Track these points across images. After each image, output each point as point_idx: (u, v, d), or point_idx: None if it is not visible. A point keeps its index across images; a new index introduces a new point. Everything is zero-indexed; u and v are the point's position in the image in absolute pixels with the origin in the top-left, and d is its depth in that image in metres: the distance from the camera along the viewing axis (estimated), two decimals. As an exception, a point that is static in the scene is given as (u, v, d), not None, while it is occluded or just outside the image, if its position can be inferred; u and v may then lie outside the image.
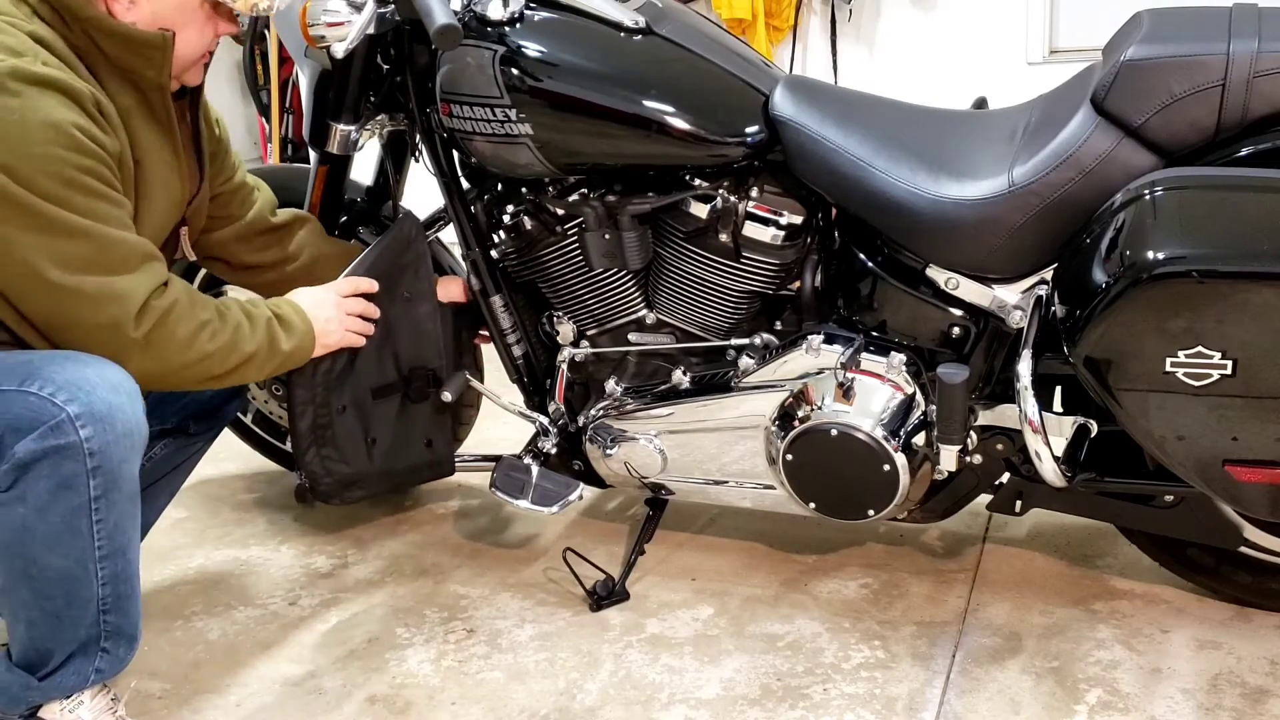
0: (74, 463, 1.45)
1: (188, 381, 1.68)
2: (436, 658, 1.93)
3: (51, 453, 1.44)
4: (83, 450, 1.45)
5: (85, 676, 1.58)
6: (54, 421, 1.44)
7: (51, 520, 1.47)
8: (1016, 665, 1.84)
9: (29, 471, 1.45)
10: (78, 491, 1.47)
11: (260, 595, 2.15)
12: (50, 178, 1.47)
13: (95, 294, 1.52)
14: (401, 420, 2.06)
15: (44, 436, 1.44)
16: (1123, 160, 1.67)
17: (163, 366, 1.61)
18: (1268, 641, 1.87)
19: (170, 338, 1.60)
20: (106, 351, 1.54)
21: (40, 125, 1.46)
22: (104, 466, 1.47)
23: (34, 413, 1.44)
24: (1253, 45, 1.58)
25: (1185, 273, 1.50)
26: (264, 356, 1.74)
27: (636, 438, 2.04)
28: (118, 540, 1.53)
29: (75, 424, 1.44)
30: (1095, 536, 2.20)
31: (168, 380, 1.65)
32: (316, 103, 2.06)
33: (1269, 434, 1.56)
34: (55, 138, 1.47)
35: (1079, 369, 1.62)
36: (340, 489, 2.00)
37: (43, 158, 1.46)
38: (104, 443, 1.47)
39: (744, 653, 1.91)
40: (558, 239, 2.01)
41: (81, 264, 1.51)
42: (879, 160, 1.82)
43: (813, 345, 1.90)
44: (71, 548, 1.50)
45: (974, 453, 1.90)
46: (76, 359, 1.51)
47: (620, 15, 1.88)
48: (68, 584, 1.52)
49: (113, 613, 1.56)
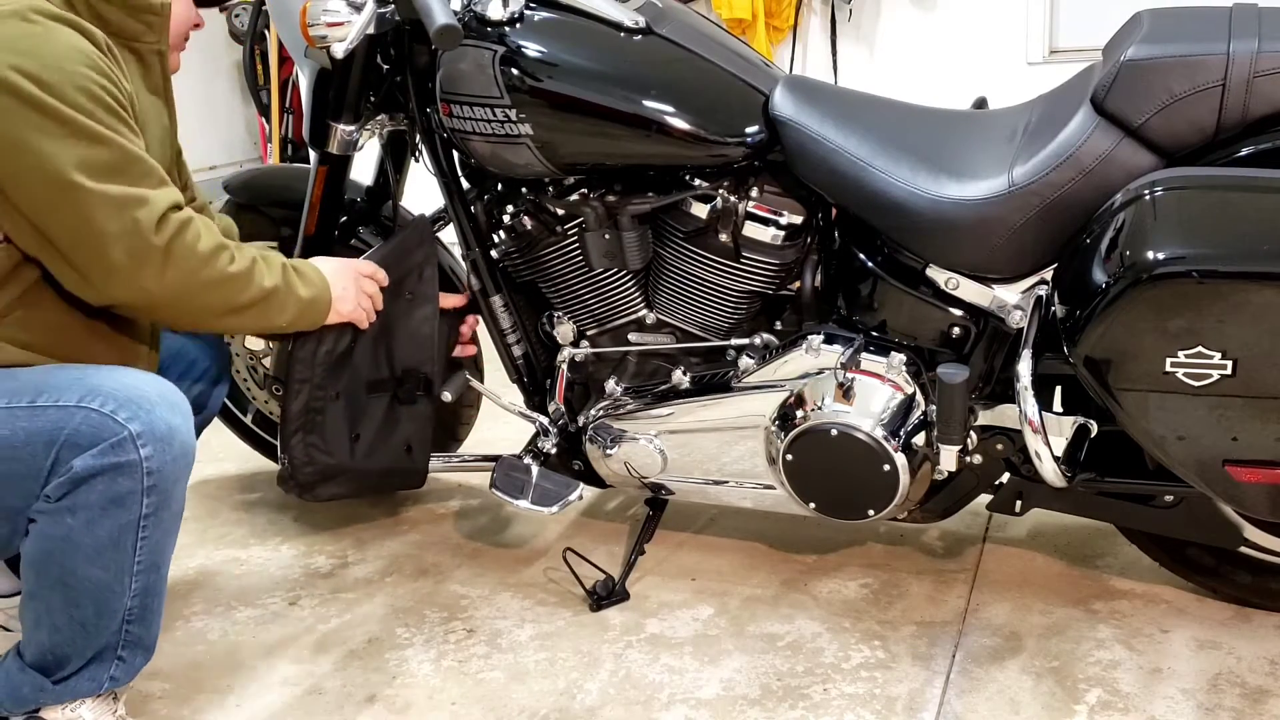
0: (130, 480, 1.46)
1: (214, 306, 1.63)
2: (436, 658, 1.93)
3: (110, 469, 1.45)
4: (141, 469, 1.46)
5: (99, 683, 1.58)
6: (115, 439, 1.45)
7: (98, 534, 1.48)
8: (1016, 665, 1.84)
9: (83, 485, 1.45)
10: (129, 509, 1.48)
11: (260, 595, 2.15)
12: (77, 90, 1.47)
13: (119, 198, 1.50)
14: (387, 421, 2.05)
15: (104, 453, 1.45)
16: (1123, 160, 1.67)
17: (185, 281, 1.57)
18: (1268, 641, 1.87)
19: (191, 251, 1.57)
20: (129, 260, 1.51)
21: (65, 46, 1.48)
22: (159, 486, 1.49)
23: (94, 428, 1.45)
24: (1253, 45, 1.58)
25: (1185, 273, 1.50)
26: (284, 296, 1.71)
27: (636, 438, 2.04)
28: (156, 556, 1.55)
29: (136, 442, 1.45)
30: (1095, 536, 2.20)
31: (193, 301, 1.61)
32: (316, 103, 2.06)
33: (1269, 434, 1.56)
34: (80, 58, 1.49)
35: (1079, 369, 1.62)
36: (318, 480, 1.99)
37: (69, 72, 1.47)
38: (162, 462, 1.48)
39: (744, 653, 1.91)
40: (558, 239, 2.01)
41: (105, 170, 1.49)
42: (879, 160, 1.82)
43: (813, 345, 1.90)
44: (112, 562, 1.50)
45: (974, 453, 1.90)
46: (131, 374, 1.52)
47: (620, 15, 1.88)
48: (101, 595, 1.52)
49: (136, 624, 1.57)
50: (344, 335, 1.92)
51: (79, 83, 1.48)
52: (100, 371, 1.53)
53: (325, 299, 1.80)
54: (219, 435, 2.52)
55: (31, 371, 1.54)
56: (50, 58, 1.46)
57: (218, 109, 4.96)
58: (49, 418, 1.46)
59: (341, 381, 1.97)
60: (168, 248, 1.54)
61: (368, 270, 1.92)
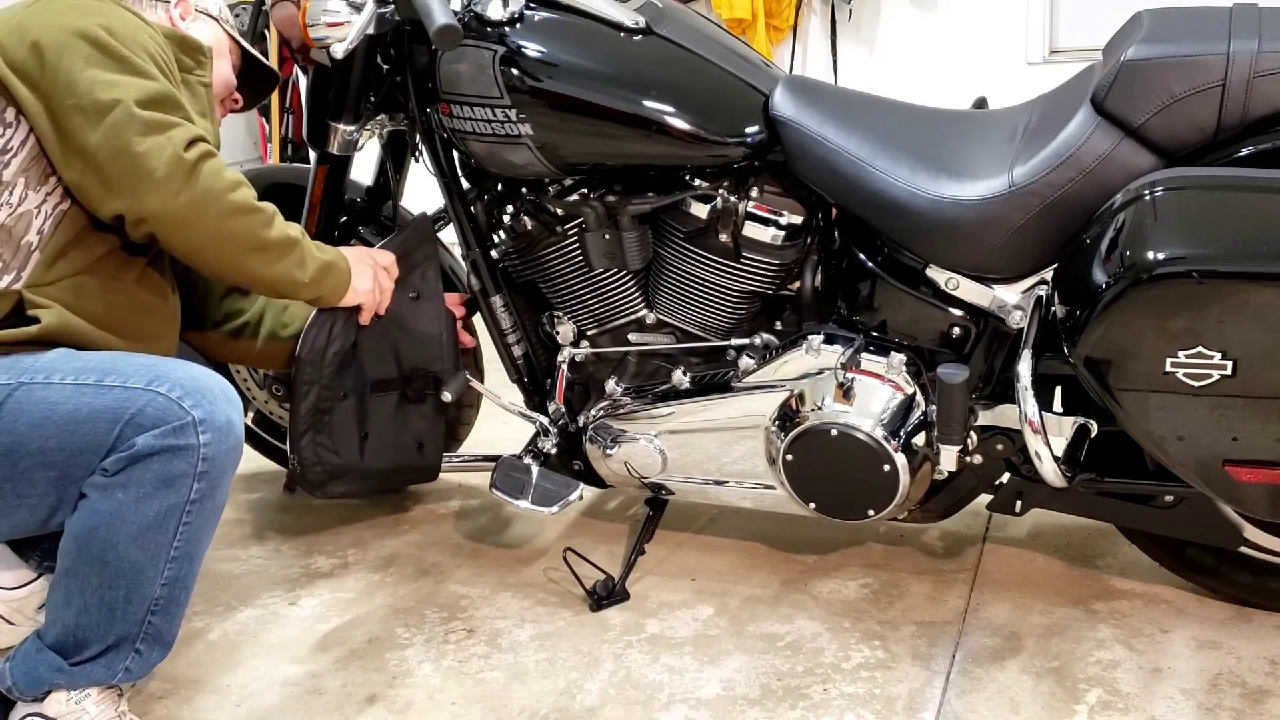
0: (186, 464, 1.52)
1: (239, 235, 1.67)
2: (436, 658, 1.93)
3: (168, 450, 1.51)
4: (198, 454, 1.52)
5: (114, 672, 1.61)
6: (180, 423, 1.51)
7: (145, 513, 1.53)
8: (1016, 665, 1.84)
9: (139, 463, 1.51)
10: (179, 491, 1.53)
11: (260, 595, 2.15)
12: (140, 48, 1.63)
13: (157, 121, 1.59)
14: (396, 419, 2.06)
15: (166, 435, 1.51)
16: (1123, 160, 1.67)
17: (210, 202, 1.62)
18: (1268, 641, 1.87)
19: (216, 174, 1.63)
20: (160, 169, 1.58)
21: (136, 22, 1.67)
22: (210, 473, 1.54)
23: (160, 411, 1.52)
24: (1253, 45, 1.58)
25: (1185, 273, 1.50)
26: (305, 250, 1.75)
27: (636, 438, 2.05)
28: (192, 546, 1.59)
29: (198, 428, 1.52)
30: (1095, 536, 2.20)
31: (219, 225, 1.64)
32: (316, 103, 2.06)
33: (1269, 434, 1.56)
34: (149, 34, 1.67)
35: (1079, 369, 1.62)
36: (328, 479, 2.00)
37: (136, 33, 1.65)
38: (217, 451, 1.54)
39: (744, 653, 1.91)
40: (558, 239, 2.01)
41: (148, 100, 1.59)
42: (879, 160, 1.82)
43: (813, 345, 1.90)
44: (153, 543, 1.55)
45: (974, 453, 1.90)
46: (196, 368, 1.59)
47: (620, 15, 1.88)
48: (135, 578, 1.56)
49: (160, 615, 1.60)
50: (350, 335, 1.93)
51: (142, 42, 1.64)
52: (167, 362, 1.60)
53: (344, 269, 1.84)
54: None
55: (100, 356, 1.60)
56: (120, 20, 1.64)
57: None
58: (115, 397, 1.53)
59: (349, 381, 1.97)
60: (195, 165, 1.61)
61: (384, 261, 1.95)
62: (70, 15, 1.61)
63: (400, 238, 2.03)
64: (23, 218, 1.61)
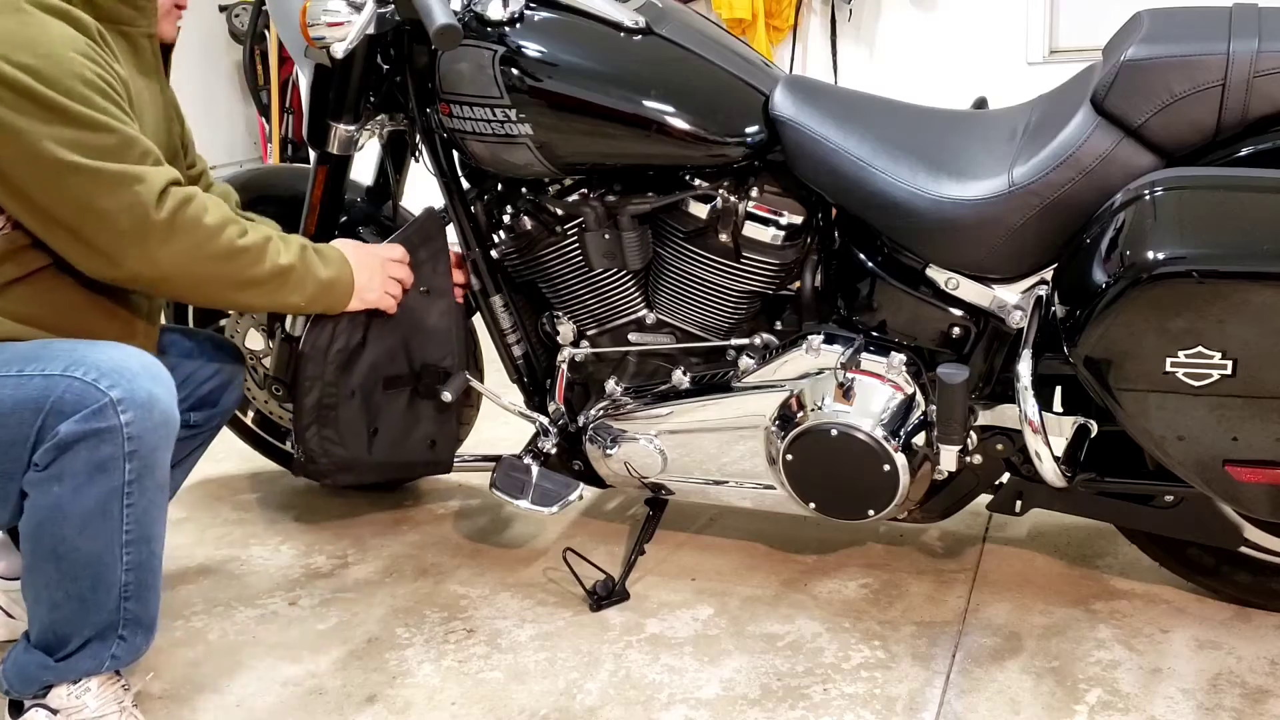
0: (112, 446, 1.50)
1: (224, 279, 1.66)
2: (436, 658, 1.93)
3: (91, 435, 1.49)
4: (122, 434, 1.50)
5: (101, 661, 1.61)
6: (97, 405, 1.49)
7: (85, 501, 1.51)
8: (1016, 665, 1.84)
9: (68, 451, 1.49)
10: (112, 475, 1.51)
11: (260, 595, 2.15)
12: (73, 78, 1.51)
13: (117, 175, 1.54)
14: (408, 416, 2.06)
15: (86, 419, 1.49)
16: (1123, 160, 1.67)
17: (192, 253, 1.61)
18: (1268, 641, 1.87)
19: (195, 223, 1.61)
20: (133, 234, 1.56)
21: (58, 36, 1.52)
22: (140, 452, 1.52)
23: (78, 395, 1.49)
24: (1253, 45, 1.58)
25: (1185, 273, 1.50)
26: (301, 275, 1.75)
27: (636, 438, 2.04)
28: (145, 528, 1.57)
29: (117, 408, 1.49)
30: (1095, 536, 2.20)
31: (202, 273, 1.64)
32: (316, 103, 2.06)
33: (1269, 434, 1.56)
34: (73, 47, 1.52)
35: (1079, 369, 1.62)
36: (334, 471, 2.02)
37: (64, 59, 1.51)
38: (142, 429, 1.51)
39: (744, 653, 1.91)
40: (558, 239, 2.01)
41: (102, 152, 1.53)
42: (879, 160, 1.82)
43: (813, 345, 1.90)
44: (101, 530, 1.54)
45: (974, 453, 1.90)
46: (119, 348, 1.56)
47: (620, 15, 1.88)
48: (95, 567, 1.55)
49: (133, 600, 1.59)
50: (355, 332, 1.93)
51: (74, 69, 1.51)
52: (89, 345, 1.57)
53: (346, 282, 1.83)
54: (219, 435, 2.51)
55: (25, 345, 1.58)
56: (44, 48, 1.50)
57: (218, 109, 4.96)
58: (35, 386, 1.51)
59: (356, 378, 1.98)
60: (170, 220, 1.58)
61: (396, 255, 1.94)
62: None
63: (409, 232, 2.03)
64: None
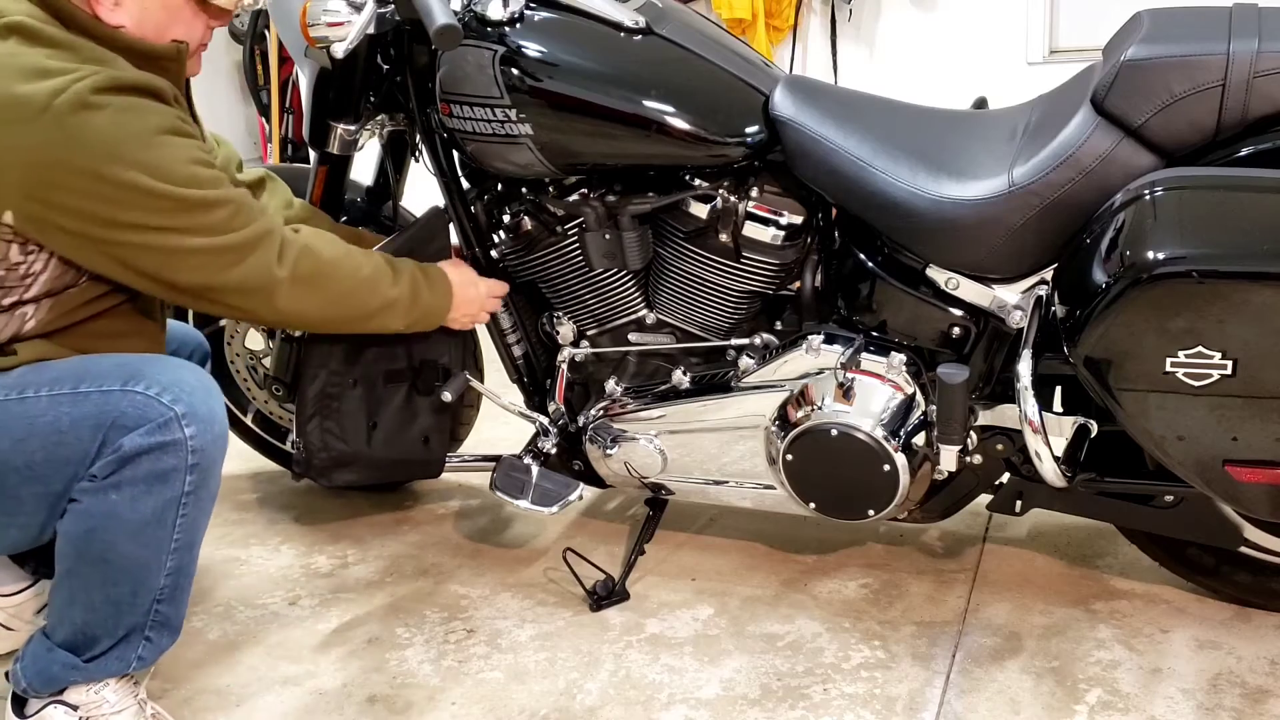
0: (175, 458, 1.52)
1: (345, 312, 1.77)
2: (436, 658, 1.93)
3: (156, 448, 1.51)
4: (186, 447, 1.53)
5: (128, 663, 1.62)
6: (162, 419, 1.51)
7: (142, 510, 1.53)
8: (1016, 665, 1.84)
9: (130, 463, 1.51)
10: (172, 485, 1.54)
11: (260, 595, 2.15)
12: (183, 163, 1.55)
13: (238, 246, 1.61)
14: (405, 411, 2.07)
15: (151, 433, 1.51)
16: (1123, 160, 1.67)
17: (319, 298, 1.72)
18: (1268, 641, 1.87)
19: (315, 271, 1.70)
20: (260, 296, 1.65)
21: (156, 120, 1.54)
22: (201, 464, 1.55)
23: (141, 410, 1.51)
24: (1253, 45, 1.58)
25: (1185, 273, 1.50)
26: (406, 304, 1.84)
27: (636, 438, 2.04)
28: (191, 535, 1.60)
29: (181, 422, 1.52)
30: (1095, 536, 2.20)
31: (329, 311, 1.75)
32: (316, 103, 2.06)
33: (1269, 434, 1.56)
34: (171, 126, 1.56)
35: (1079, 369, 1.62)
36: (333, 466, 2.02)
37: (169, 144, 1.54)
38: (204, 442, 1.54)
39: (744, 653, 1.91)
40: (558, 239, 2.01)
41: (222, 226, 1.60)
42: (879, 160, 1.82)
43: (813, 345, 1.90)
44: (153, 538, 1.56)
45: (974, 453, 1.90)
46: (171, 361, 1.59)
47: (620, 15, 1.88)
48: (139, 573, 1.57)
49: (166, 603, 1.61)
50: None
51: (181, 154, 1.55)
52: (138, 360, 1.60)
53: (445, 305, 1.92)
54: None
55: (65, 362, 1.59)
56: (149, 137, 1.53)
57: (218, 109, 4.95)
58: (94, 403, 1.52)
59: (359, 368, 1.99)
60: (293, 275, 1.67)
61: (499, 291, 2.02)
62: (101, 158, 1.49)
63: (413, 231, 2.03)
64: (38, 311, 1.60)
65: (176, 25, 1.64)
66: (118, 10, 1.58)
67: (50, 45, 1.50)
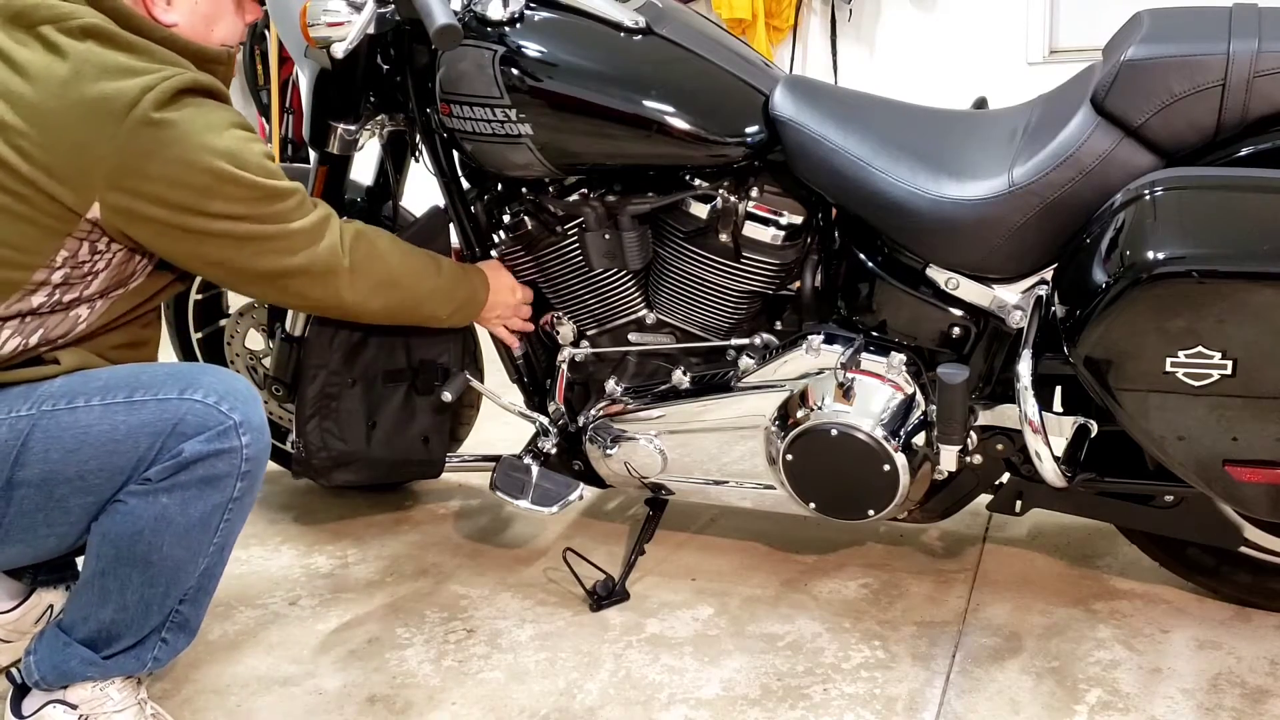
0: (229, 464, 1.54)
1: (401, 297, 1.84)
2: (436, 658, 1.93)
3: (214, 454, 1.53)
4: (241, 455, 1.55)
5: (144, 662, 1.63)
6: (222, 427, 1.53)
7: (191, 514, 1.55)
8: (1016, 665, 1.84)
9: (188, 469, 1.53)
10: (223, 491, 1.56)
11: (260, 595, 2.15)
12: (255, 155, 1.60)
13: (307, 232, 1.68)
14: (404, 411, 2.07)
15: (211, 440, 1.53)
16: (1123, 160, 1.67)
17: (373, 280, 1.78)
18: (1268, 641, 1.87)
19: (372, 251, 1.77)
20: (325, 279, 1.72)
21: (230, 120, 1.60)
22: (252, 471, 1.57)
23: (201, 418, 1.53)
24: (1253, 45, 1.58)
25: (1185, 273, 1.50)
26: (449, 290, 1.92)
27: (636, 438, 2.04)
28: (228, 538, 1.62)
29: (239, 430, 1.54)
30: (1095, 536, 2.20)
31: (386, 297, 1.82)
32: (316, 103, 2.06)
33: (1269, 434, 1.56)
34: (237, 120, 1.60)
35: (1079, 369, 1.62)
36: (333, 466, 2.02)
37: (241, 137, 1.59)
38: (256, 450, 1.57)
39: (744, 653, 1.91)
40: (558, 239, 2.01)
41: (294, 214, 1.66)
42: (879, 160, 1.82)
43: (813, 345, 1.90)
44: (196, 541, 1.57)
45: (974, 453, 1.90)
46: (223, 372, 1.61)
47: (620, 15, 1.88)
48: (176, 574, 1.58)
49: (189, 604, 1.62)
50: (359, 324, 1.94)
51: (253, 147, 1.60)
52: (187, 367, 1.63)
53: (480, 300, 1.98)
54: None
55: (114, 370, 1.60)
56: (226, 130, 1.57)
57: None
58: (151, 410, 1.53)
59: (358, 368, 1.99)
60: (354, 262, 1.74)
61: (529, 298, 2.06)
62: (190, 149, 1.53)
63: (414, 230, 2.04)
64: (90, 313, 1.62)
65: (221, 21, 1.69)
66: (170, 9, 1.62)
67: (127, 48, 1.54)
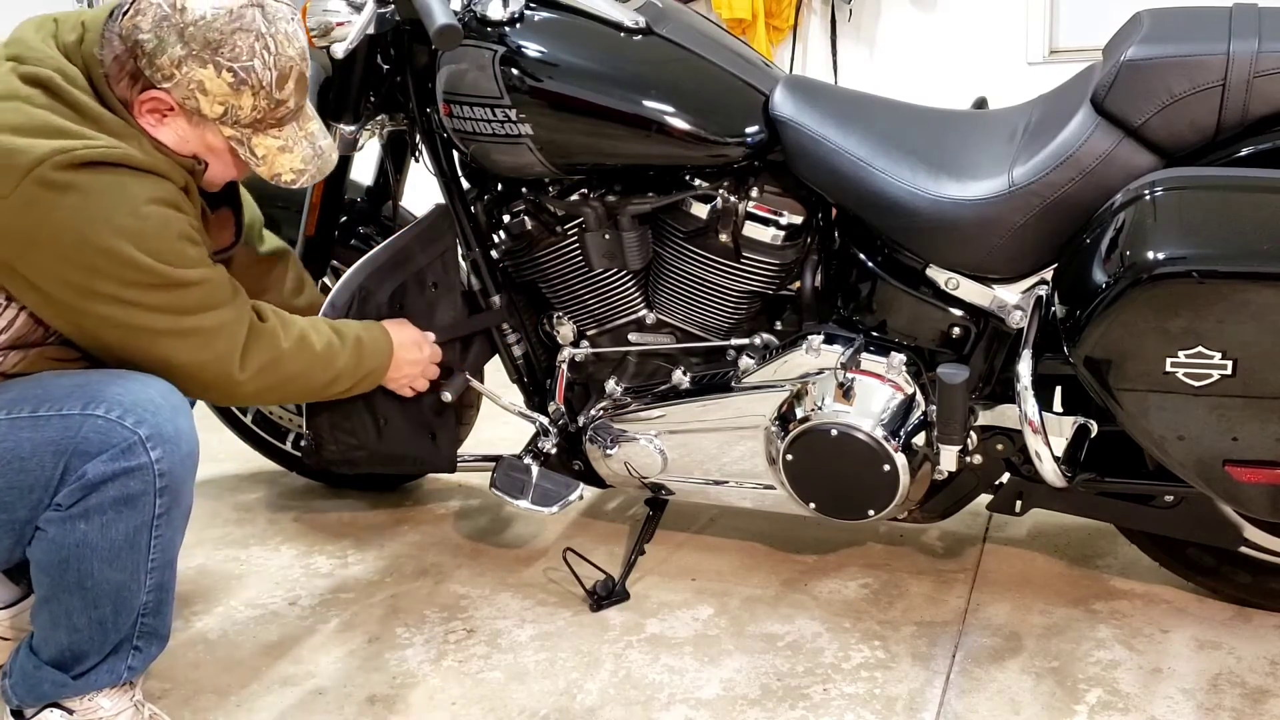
0: (142, 482, 1.48)
1: (295, 391, 1.77)
2: (436, 658, 1.93)
3: (122, 473, 1.47)
4: (153, 471, 1.48)
5: (118, 675, 1.61)
6: (125, 444, 1.47)
7: (113, 537, 1.50)
8: (1016, 665, 1.84)
9: (95, 491, 1.47)
10: (142, 510, 1.50)
11: (260, 595, 2.15)
12: (168, 238, 1.52)
13: (206, 329, 1.59)
14: (411, 407, 2.07)
15: (115, 458, 1.46)
16: (1123, 160, 1.67)
17: (269, 380, 1.69)
18: (1268, 641, 1.87)
19: (275, 358, 1.68)
20: (215, 389, 1.65)
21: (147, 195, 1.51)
22: (170, 485, 1.51)
23: (103, 435, 1.46)
24: (1253, 45, 1.58)
25: (1185, 273, 1.50)
26: (348, 374, 1.82)
27: (636, 438, 2.04)
28: (169, 553, 1.57)
29: (146, 446, 1.48)
30: (1095, 536, 2.20)
31: (281, 393, 1.76)
32: (317, 103, 2.06)
33: (1269, 434, 1.56)
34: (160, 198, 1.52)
35: (1079, 369, 1.62)
36: (343, 455, 2.03)
37: (156, 216, 1.51)
38: (171, 463, 1.50)
39: (744, 653, 1.91)
40: (558, 239, 2.01)
41: (193, 307, 1.57)
42: (879, 160, 1.82)
43: (813, 345, 1.90)
44: (128, 562, 1.53)
45: (974, 453, 1.90)
46: (134, 378, 1.53)
47: (620, 15, 1.88)
48: (119, 595, 1.54)
49: (151, 616, 1.60)
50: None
51: (174, 229, 1.53)
52: (100, 377, 1.54)
53: (384, 366, 1.89)
54: (219, 435, 2.52)
55: (25, 382, 1.54)
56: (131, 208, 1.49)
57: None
58: (54, 428, 1.47)
59: None
60: (254, 378, 1.66)
61: (437, 356, 2.00)
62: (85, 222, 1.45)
63: (418, 229, 2.04)
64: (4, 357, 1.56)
65: (215, 163, 1.63)
66: (159, 129, 1.56)
67: (71, 106, 1.47)
